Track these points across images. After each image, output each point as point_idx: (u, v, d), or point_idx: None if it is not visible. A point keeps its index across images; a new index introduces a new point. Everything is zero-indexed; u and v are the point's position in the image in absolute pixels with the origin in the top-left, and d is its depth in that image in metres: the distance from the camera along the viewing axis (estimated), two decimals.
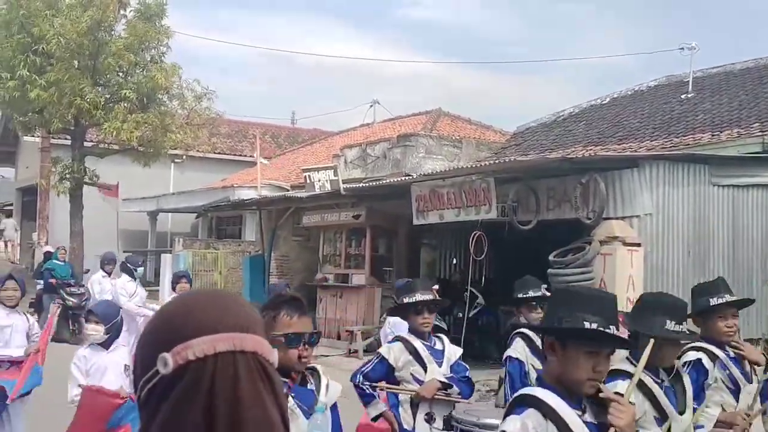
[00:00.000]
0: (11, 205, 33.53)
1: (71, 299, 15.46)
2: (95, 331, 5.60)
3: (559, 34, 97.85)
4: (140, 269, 12.13)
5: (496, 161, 14.09)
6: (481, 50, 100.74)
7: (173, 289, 9.40)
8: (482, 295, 14.26)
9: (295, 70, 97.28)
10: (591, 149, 14.95)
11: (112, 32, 18.89)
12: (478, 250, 12.03)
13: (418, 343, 4.92)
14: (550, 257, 11.05)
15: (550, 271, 10.99)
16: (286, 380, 3.08)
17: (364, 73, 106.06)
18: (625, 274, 10.50)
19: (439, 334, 5.17)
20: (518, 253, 14.26)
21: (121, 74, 19.40)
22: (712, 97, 16.17)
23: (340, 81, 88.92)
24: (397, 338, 5.10)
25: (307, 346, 3.07)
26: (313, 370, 3.31)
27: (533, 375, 5.00)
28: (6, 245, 29.93)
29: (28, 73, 17.95)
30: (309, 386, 3.24)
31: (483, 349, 14.33)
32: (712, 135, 13.42)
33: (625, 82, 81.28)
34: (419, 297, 4.85)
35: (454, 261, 16.35)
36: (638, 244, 10.72)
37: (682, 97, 16.99)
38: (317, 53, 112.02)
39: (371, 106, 28.07)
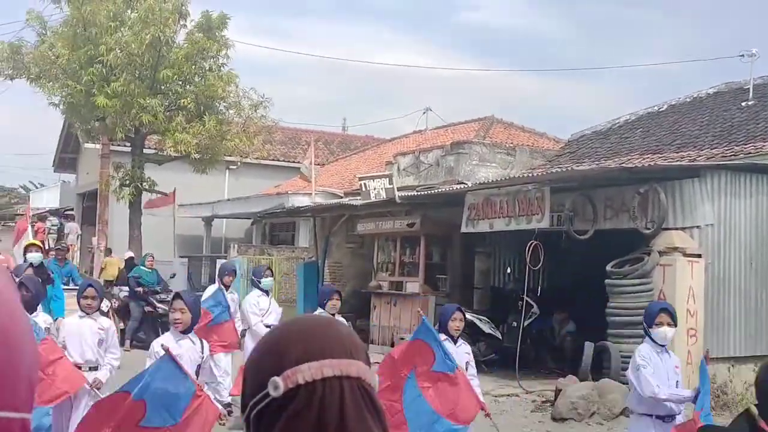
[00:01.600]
0: (72, 209, 34.41)
1: (161, 306, 14.68)
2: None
3: (616, 39, 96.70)
4: (267, 281, 9.89)
5: (553, 169, 14.00)
6: (536, 55, 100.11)
7: (323, 306, 7.88)
8: (537, 305, 14.19)
9: (348, 77, 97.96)
10: (648, 157, 14.76)
11: (173, 45, 19.25)
12: (534, 259, 11.98)
13: None
14: (608, 267, 10.97)
15: (607, 281, 10.92)
16: None
17: (417, 79, 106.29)
18: (685, 286, 10.37)
19: None
20: (574, 262, 14.17)
21: (180, 83, 19.77)
22: None
23: (393, 88, 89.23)
24: None
25: None
26: None
27: None
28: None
29: (93, 81, 18.40)
30: None
31: (538, 358, 14.27)
32: None
33: (682, 89, 79.93)
34: None
35: (509, 270, 16.29)
36: (699, 255, 10.58)
37: (743, 104, 16.65)
38: (369, 60, 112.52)
39: (424, 113, 28.11)
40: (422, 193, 15.94)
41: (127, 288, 16.28)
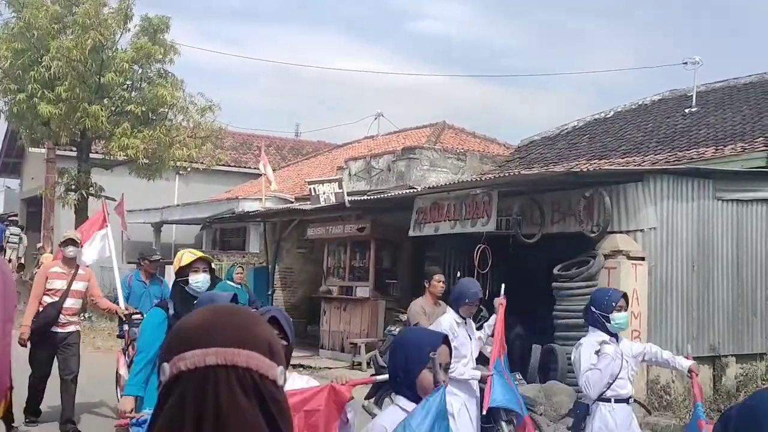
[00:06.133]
0: (16, 215, 33.59)
1: None
2: None
3: (565, 47, 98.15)
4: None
5: (501, 174, 14.13)
6: (486, 63, 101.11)
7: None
8: (486, 308, 14.26)
9: (300, 83, 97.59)
10: (595, 163, 14.99)
11: (116, 49, 18.92)
12: (483, 263, 12.05)
13: None
14: (555, 270, 11.09)
15: (554, 284, 11.04)
16: None
17: (369, 85, 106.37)
18: (629, 288, 10.48)
19: None
20: (523, 266, 14.28)
21: (126, 87, 19.44)
22: (716, 112, 16.21)
23: (345, 94, 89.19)
24: None
25: None
26: None
27: None
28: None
29: (37, 87, 17.99)
30: None
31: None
32: (716, 149, 13.45)
33: (628, 97, 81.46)
34: None
35: (458, 274, 16.34)
36: (642, 258, 10.76)
37: (686, 111, 17.03)
38: (322, 66, 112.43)
39: (376, 118, 28.16)
40: (372, 197, 15.93)
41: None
